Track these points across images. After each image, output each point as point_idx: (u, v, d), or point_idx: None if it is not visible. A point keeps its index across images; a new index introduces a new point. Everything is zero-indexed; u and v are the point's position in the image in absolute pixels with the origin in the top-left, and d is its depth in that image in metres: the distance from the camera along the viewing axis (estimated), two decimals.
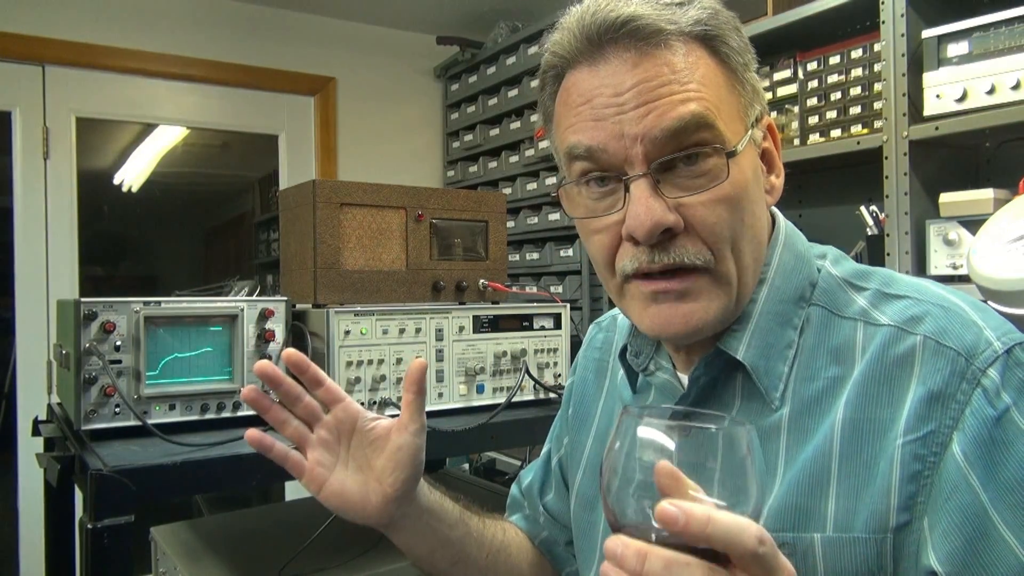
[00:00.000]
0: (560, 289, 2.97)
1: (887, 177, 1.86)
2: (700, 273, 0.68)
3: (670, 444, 0.50)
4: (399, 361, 1.40)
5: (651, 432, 0.51)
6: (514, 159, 3.32)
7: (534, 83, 3.26)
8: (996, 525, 0.60)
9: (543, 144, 3.09)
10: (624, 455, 0.52)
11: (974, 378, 0.62)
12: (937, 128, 1.76)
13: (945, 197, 1.78)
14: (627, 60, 0.67)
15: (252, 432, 0.74)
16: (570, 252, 3.00)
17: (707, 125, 0.66)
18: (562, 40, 0.71)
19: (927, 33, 1.77)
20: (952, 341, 0.64)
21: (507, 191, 3.31)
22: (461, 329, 1.47)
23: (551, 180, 3.06)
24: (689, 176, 0.67)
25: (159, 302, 1.28)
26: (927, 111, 1.78)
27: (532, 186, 3.20)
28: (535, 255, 3.17)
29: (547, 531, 0.99)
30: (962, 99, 1.71)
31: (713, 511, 0.46)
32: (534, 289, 2.92)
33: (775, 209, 0.80)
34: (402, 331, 1.41)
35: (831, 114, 2.06)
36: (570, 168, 0.72)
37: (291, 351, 0.74)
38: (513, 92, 3.30)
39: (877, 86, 1.94)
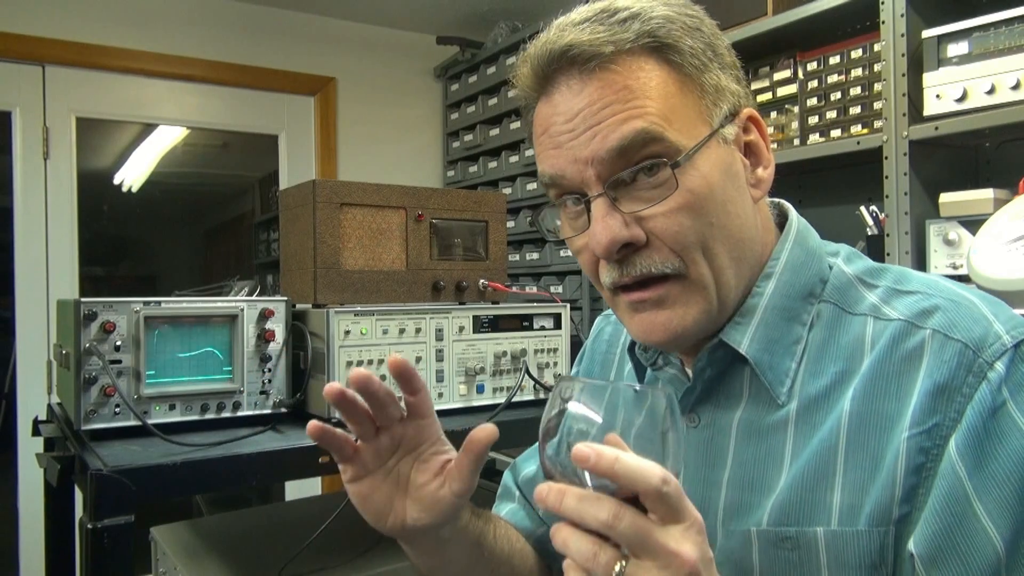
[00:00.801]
0: (560, 289, 2.97)
1: (887, 177, 1.86)
2: (672, 281, 0.70)
3: (596, 413, 0.57)
4: None
5: (580, 396, 0.58)
6: (514, 159, 3.32)
7: None
8: (978, 515, 0.60)
9: None
10: (557, 416, 0.58)
11: (981, 371, 0.62)
12: (937, 128, 1.76)
13: (945, 197, 1.78)
14: (573, 87, 0.70)
15: (314, 424, 0.69)
16: (570, 252, 2.99)
17: (654, 139, 0.67)
18: (522, 74, 0.75)
19: (927, 33, 1.77)
20: (960, 334, 0.64)
21: (507, 191, 3.31)
22: (461, 329, 1.47)
23: None
24: (646, 188, 0.68)
25: (159, 302, 1.28)
26: (927, 111, 1.78)
27: (532, 186, 3.20)
28: (535, 255, 3.17)
29: (546, 525, 0.99)
30: (962, 99, 1.71)
31: (622, 454, 0.52)
32: (534, 289, 2.92)
33: (788, 205, 0.81)
34: (402, 331, 1.41)
35: (831, 114, 2.06)
36: (548, 193, 0.75)
37: (397, 358, 0.69)
38: (513, 92, 3.30)
39: (877, 86, 1.94)
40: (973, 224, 1.69)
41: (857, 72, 2.01)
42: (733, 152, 0.73)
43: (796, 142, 2.14)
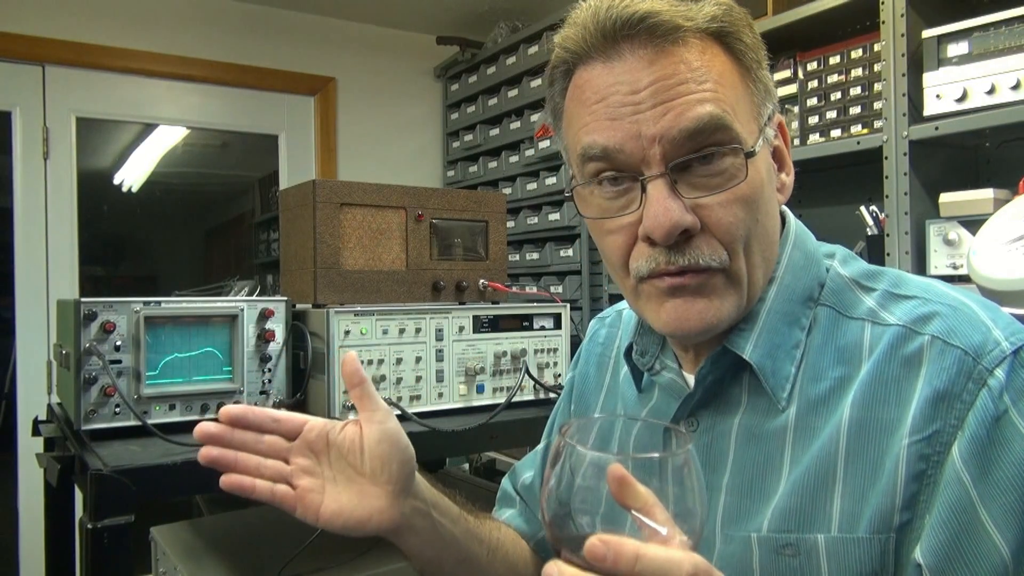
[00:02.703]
0: (560, 289, 2.97)
1: (887, 177, 1.86)
2: (715, 272, 0.68)
3: (603, 467, 0.50)
4: (399, 361, 1.40)
5: (591, 456, 0.51)
6: (514, 159, 3.32)
7: (534, 83, 3.27)
8: (984, 523, 0.60)
9: (543, 144, 3.09)
10: (564, 479, 0.51)
11: (980, 378, 0.62)
12: (937, 128, 1.76)
13: (945, 197, 1.78)
14: (643, 57, 0.66)
15: (226, 479, 0.71)
16: (570, 252, 3.00)
17: (724, 127, 0.65)
18: (574, 36, 0.69)
19: (927, 33, 1.77)
20: (960, 341, 0.64)
21: (507, 191, 3.31)
22: (461, 329, 1.47)
23: (551, 180, 3.05)
24: (706, 176, 0.66)
25: (159, 302, 1.28)
26: (927, 111, 1.78)
27: (532, 186, 3.20)
28: (535, 255, 3.17)
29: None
30: (962, 99, 1.71)
31: (642, 547, 0.45)
32: (534, 289, 2.92)
33: (785, 208, 0.79)
34: (402, 331, 1.41)
35: (831, 114, 2.06)
36: (583, 168, 0.71)
37: (226, 408, 0.71)
38: (513, 92, 3.30)
39: (877, 86, 1.94)
40: (973, 224, 1.69)
41: (857, 72, 2.01)
42: (769, 154, 0.72)
43: (796, 142, 2.14)
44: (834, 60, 2.06)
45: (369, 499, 0.72)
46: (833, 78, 2.06)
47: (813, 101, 2.11)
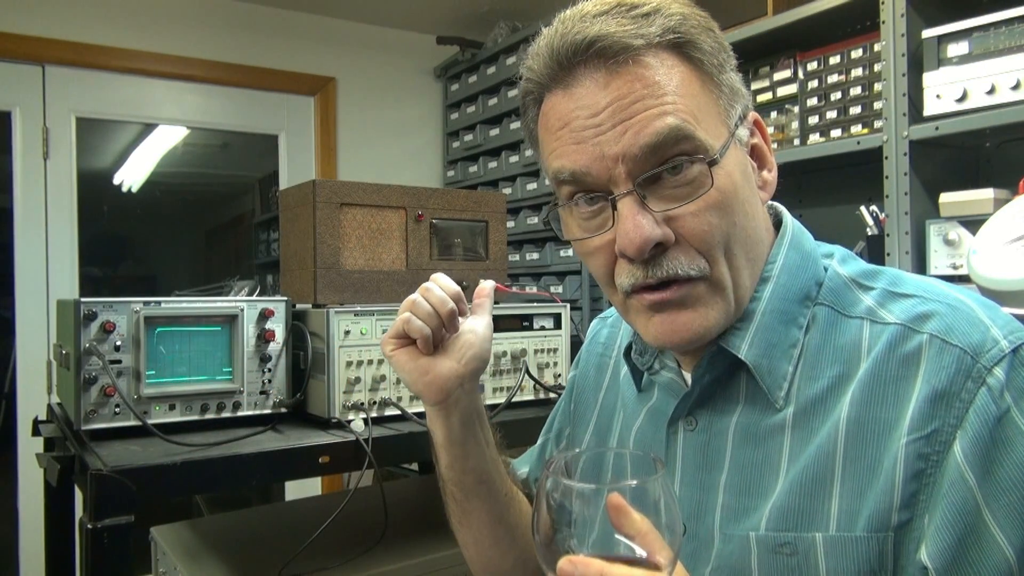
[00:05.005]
0: (560, 289, 2.97)
1: (887, 177, 1.86)
2: (696, 282, 0.69)
3: (585, 496, 0.55)
4: None
5: (570, 487, 0.56)
6: (514, 159, 3.32)
7: None
8: (988, 524, 0.60)
9: None
10: (546, 508, 0.56)
11: (979, 376, 0.62)
12: (937, 128, 1.76)
13: (945, 197, 1.78)
14: (598, 80, 0.67)
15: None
16: (570, 252, 3.00)
17: (686, 136, 0.66)
18: (535, 66, 0.72)
19: (927, 33, 1.77)
20: (958, 339, 0.64)
21: (507, 191, 3.31)
22: None
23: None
24: (675, 187, 0.67)
25: (159, 302, 1.28)
26: (927, 111, 1.78)
27: (532, 186, 3.20)
28: (535, 255, 3.17)
29: None
30: (962, 99, 1.71)
31: (606, 567, 0.50)
32: (534, 289, 2.92)
33: (782, 208, 0.80)
34: None
35: (831, 114, 2.06)
36: (559, 191, 0.73)
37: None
38: (513, 92, 3.30)
39: (877, 86, 1.94)
40: (973, 224, 1.69)
41: (857, 72, 2.01)
42: (745, 154, 0.73)
43: (796, 142, 2.14)
44: (834, 60, 2.06)
45: (438, 362, 0.82)
46: (833, 78, 2.06)
47: (813, 101, 2.11)
